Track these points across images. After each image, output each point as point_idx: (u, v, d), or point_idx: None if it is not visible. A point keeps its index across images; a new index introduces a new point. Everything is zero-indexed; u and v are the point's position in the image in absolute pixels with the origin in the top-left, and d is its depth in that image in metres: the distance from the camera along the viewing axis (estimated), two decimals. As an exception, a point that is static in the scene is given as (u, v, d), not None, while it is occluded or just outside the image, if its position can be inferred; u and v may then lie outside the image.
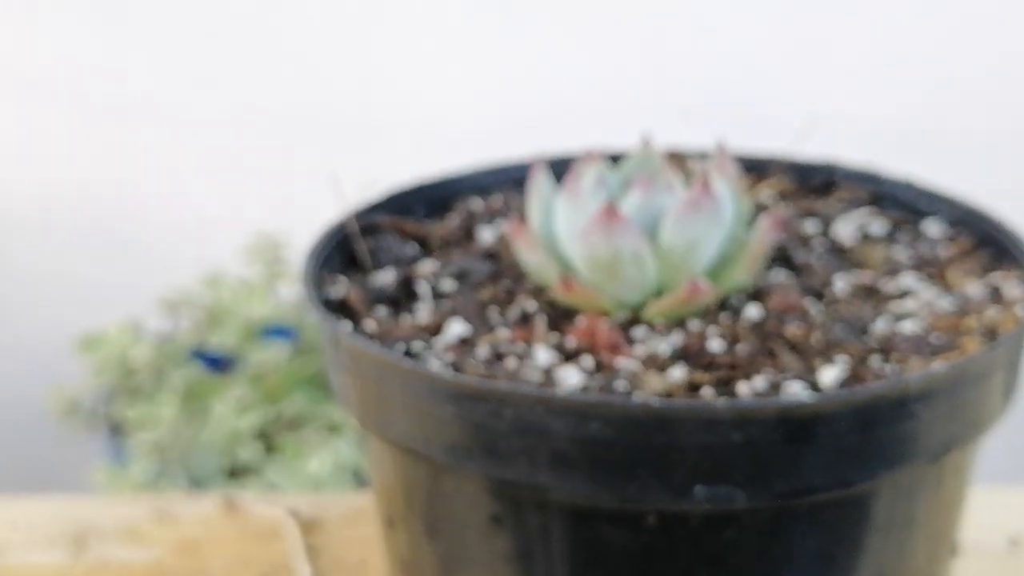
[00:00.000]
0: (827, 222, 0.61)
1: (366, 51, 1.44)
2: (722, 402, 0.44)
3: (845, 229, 0.61)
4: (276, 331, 1.26)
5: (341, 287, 0.55)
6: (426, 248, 0.60)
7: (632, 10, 1.38)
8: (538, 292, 0.54)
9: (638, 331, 0.51)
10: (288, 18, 1.44)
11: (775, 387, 0.46)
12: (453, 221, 0.62)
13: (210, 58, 1.46)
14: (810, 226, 0.61)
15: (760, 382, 0.46)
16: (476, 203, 0.63)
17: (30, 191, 1.52)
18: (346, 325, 0.51)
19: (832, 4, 1.38)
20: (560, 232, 0.53)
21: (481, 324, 0.51)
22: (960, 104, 1.37)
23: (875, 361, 0.49)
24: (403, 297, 0.54)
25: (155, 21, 1.45)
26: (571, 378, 0.47)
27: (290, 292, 1.32)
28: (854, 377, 0.47)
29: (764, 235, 0.52)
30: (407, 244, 0.59)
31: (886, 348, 0.49)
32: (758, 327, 0.50)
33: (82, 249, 1.54)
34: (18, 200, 1.51)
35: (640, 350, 0.49)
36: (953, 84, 1.37)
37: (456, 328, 0.51)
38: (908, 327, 0.50)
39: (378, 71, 1.45)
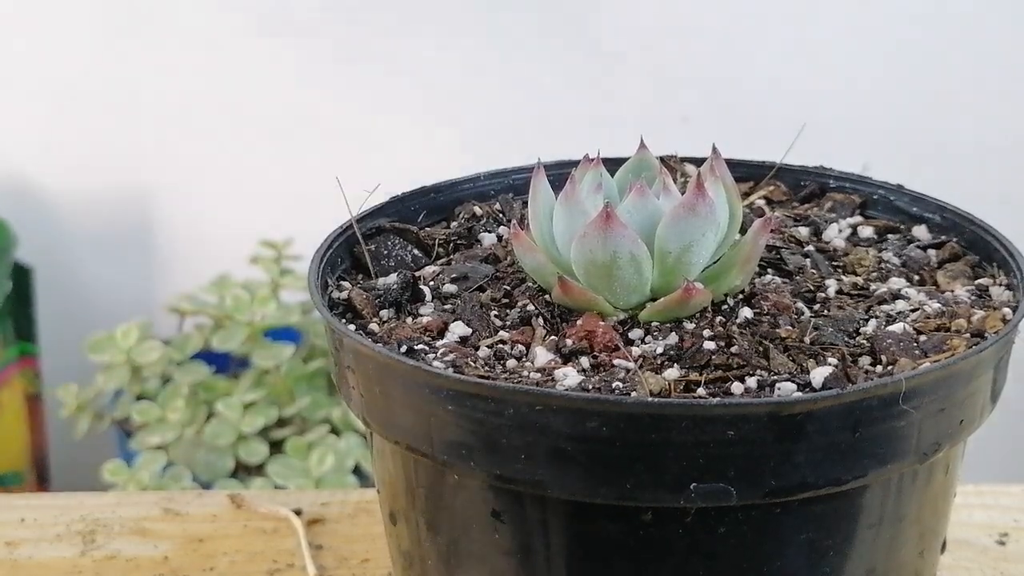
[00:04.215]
0: (819, 226, 0.62)
1: (370, 60, 1.45)
2: (716, 401, 0.44)
3: (837, 233, 0.62)
4: (281, 333, 1.26)
5: (345, 290, 0.56)
6: (428, 252, 0.61)
7: (629, 19, 1.39)
8: (537, 294, 0.55)
9: (635, 332, 0.51)
10: (292, 29, 1.45)
11: (768, 386, 0.47)
12: (454, 225, 0.63)
13: (218, 66, 1.46)
14: (802, 230, 0.62)
15: (753, 382, 0.47)
16: (477, 208, 0.64)
17: (42, 196, 1.53)
18: (350, 326, 0.52)
19: (827, 13, 1.38)
20: (559, 236, 0.53)
21: (482, 325, 0.52)
22: (950, 112, 1.38)
23: (865, 361, 0.49)
24: (405, 299, 0.55)
25: (167, 32, 1.46)
26: (569, 378, 0.47)
27: (295, 295, 1.33)
28: (845, 377, 0.47)
29: (757, 239, 0.53)
30: (409, 248, 0.60)
31: (876, 349, 0.50)
32: (751, 328, 0.51)
33: (92, 252, 1.54)
34: (30, 204, 1.52)
35: (637, 350, 0.50)
36: (943, 92, 1.38)
37: (457, 329, 0.52)
38: (898, 328, 0.51)
39: (382, 79, 1.45)
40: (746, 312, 0.52)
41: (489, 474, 0.47)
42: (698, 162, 0.65)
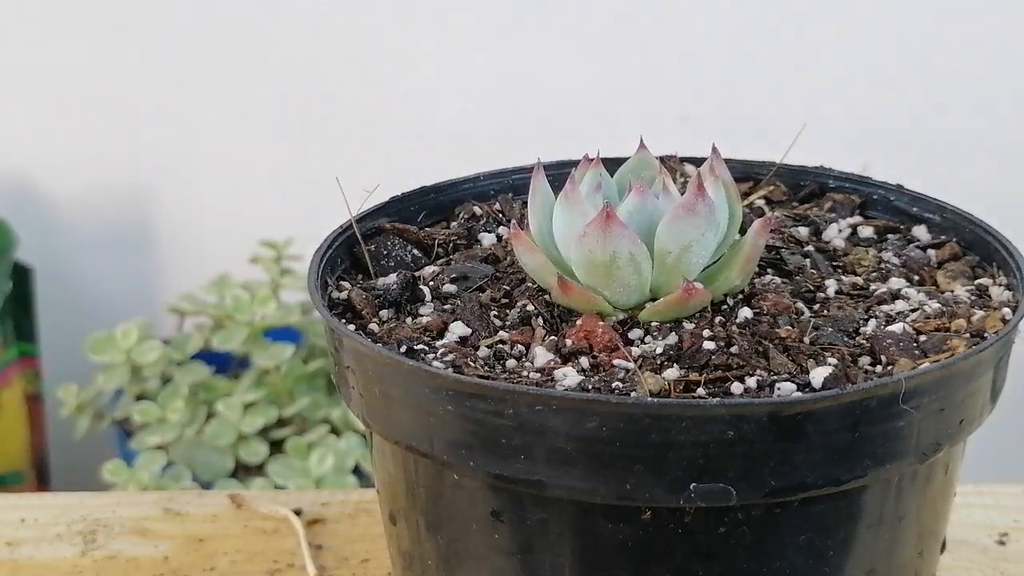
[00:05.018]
0: (819, 226, 0.62)
1: (370, 60, 1.45)
2: (716, 401, 0.44)
3: (836, 233, 0.62)
4: (281, 333, 1.26)
5: (345, 290, 0.56)
6: (428, 252, 0.61)
7: (629, 19, 1.39)
8: (537, 294, 0.54)
9: (634, 332, 0.51)
10: (293, 29, 1.45)
11: (767, 386, 0.47)
12: (454, 226, 0.63)
13: (217, 66, 1.46)
14: (802, 230, 0.62)
15: (753, 382, 0.47)
16: (476, 208, 0.64)
17: (42, 196, 1.52)
18: (349, 326, 0.52)
19: (824, 13, 1.38)
20: (558, 236, 0.53)
21: (481, 325, 0.52)
22: (949, 111, 1.38)
23: (865, 361, 0.49)
24: (405, 299, 0.55)
25: (167, 32, 1.46)
26: (569, 378, 0.47)
27: (295, 295, 1.33)
28: (845, 377, 0.47)
29: (757, 239, 0.53)
30: (409, 248, 0.60)
31: (876, 349, 0.50)
32: (751, 328, 0.51)
33: (92, 252, 1.54)
34: (30, 204, 1.52)
35: (636, 350, 0.50)
36: (943, 92, 1.38)
37: (457, 329, 0.52)
38: (897, 328, 0.51)
39: (382, 79, 1.45)
40: (746, 312, 0.52)
41: (489, 474, 0.47)
42: (698, 162, 0.65)
